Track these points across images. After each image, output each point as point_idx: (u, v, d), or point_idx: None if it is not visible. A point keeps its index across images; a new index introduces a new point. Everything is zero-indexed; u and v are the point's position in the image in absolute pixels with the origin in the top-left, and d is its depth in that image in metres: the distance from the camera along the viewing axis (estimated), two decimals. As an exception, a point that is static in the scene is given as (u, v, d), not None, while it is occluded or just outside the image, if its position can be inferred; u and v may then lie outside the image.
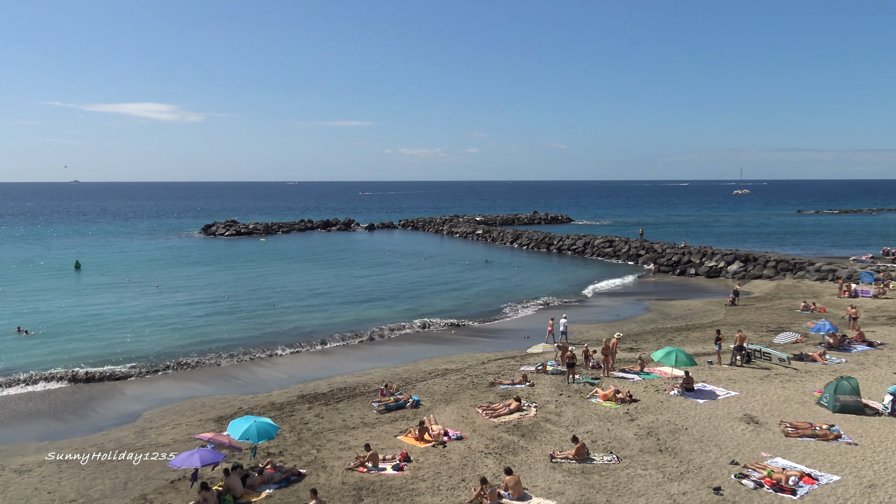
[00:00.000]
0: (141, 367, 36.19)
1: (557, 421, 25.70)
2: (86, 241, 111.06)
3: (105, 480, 22.03)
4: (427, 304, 53.81)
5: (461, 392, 30.19)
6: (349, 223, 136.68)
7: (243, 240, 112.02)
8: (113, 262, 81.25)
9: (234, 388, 33.19)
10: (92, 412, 29.92)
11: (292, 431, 25.92)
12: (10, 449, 25.41)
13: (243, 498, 20.24)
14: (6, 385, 33.06)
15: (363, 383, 32.77)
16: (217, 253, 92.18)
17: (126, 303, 54.26)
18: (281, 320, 47.80)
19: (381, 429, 25.94)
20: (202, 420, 27.84)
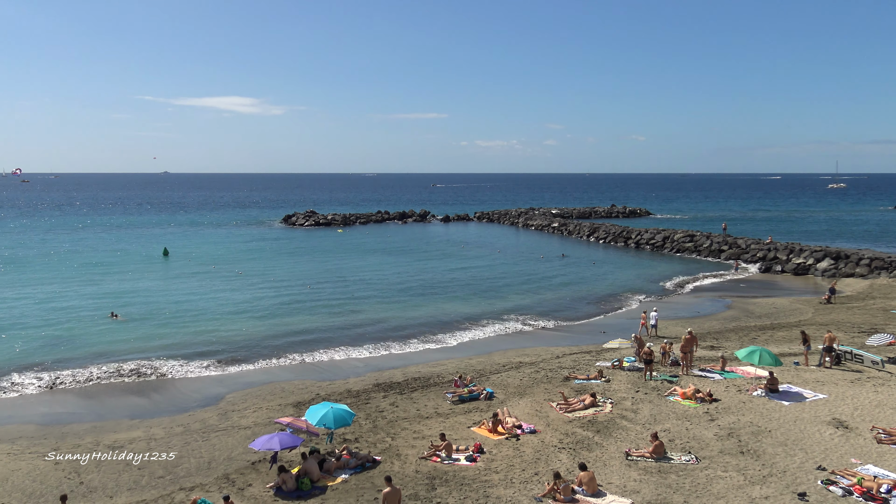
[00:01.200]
0: (224, 352, 37.55)
1: (633, 418, 25.23)
2: (173, 229, 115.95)
3: (191, 459, 22.99)
4: (501, 297, 53.69)
5: (535, 385, 30.02)
6: (425, 215, 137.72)
7: (322, 230, 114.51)
8: (199, 250, 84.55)
9: (313, 374, 34.00)
10: (178, 393, 31.22)
11: (368, 419, 26.37)
12: (103, 426, 26.80)
13: (320, 482, 20.73)
14: (100, 367, 34.85)
15: (437, 374, 33.01)
16: (297, 243, 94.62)
17: (211, 289, 56.36)
18: (359, 309, 48.64)
19: (455, 419, 26.07)
20: (281, 405, 28.65)
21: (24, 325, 43.42)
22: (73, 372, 33.74)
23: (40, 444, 24.70)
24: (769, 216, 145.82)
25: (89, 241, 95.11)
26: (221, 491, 20.12)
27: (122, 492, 20.64)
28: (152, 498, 20.08)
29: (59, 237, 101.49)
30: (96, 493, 20.44)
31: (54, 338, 40.12)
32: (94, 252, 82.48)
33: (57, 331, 41.81)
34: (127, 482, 21.29)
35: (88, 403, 29.79)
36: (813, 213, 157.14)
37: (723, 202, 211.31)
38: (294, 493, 19.94)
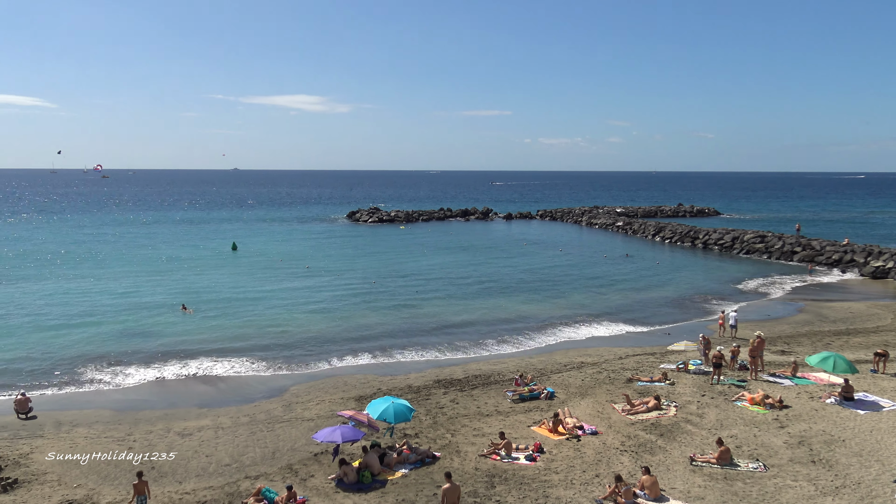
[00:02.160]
0: (289, 345, 38.37)
1: (699, 423, 24.62)
2: (242, 225, 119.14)
3: (256, 449, 23.58)
4: (563, 296, 53.16)
5: (597, 386, 29.64)
6: (487, 212, 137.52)
7: (385, 227, 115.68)
8: (266, 246, 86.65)
9: (374, 369, 34.39)
10: (244, 384, 32.05)
11: (428, 415, 26.52)
12: (174, 413, 27.75)
13: (380, 475, 20.96)
14: (170, 357, 36.08)
15: (497, 371, 32.94)
16: (361, 239, 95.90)
17: (278, 284, 57.65)
18: (420, 306, 48.95)
19: (515, 418, 25.98)
20: (343, 398, 29.09)
21: (101, 316, 45.32)
22: (146, 361, 35.03)
23: (115, 429, 25.75)
24: (846, 217, 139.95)
25: (162, 236, 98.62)
26: (285, 481, 20.57)
27: (190, 477, 21.32)
28: (219, 485, 20.68)
29: (133, 231, 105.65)
30: (167, 479, 21.17)
31: (129, 329, 41.74)
32: (166, 246, 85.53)
33: (131, 322, 43.48)
34: (195, 468, 21.99)
35: (160, 392, 30.89)
36: (894, 214, 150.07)
37: (796, 202, 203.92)
38: (355, 486, 20.22)
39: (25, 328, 41.49)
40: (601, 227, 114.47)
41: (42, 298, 50.47)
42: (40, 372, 33.26)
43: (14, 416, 27.17)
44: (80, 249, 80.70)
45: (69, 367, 33.88)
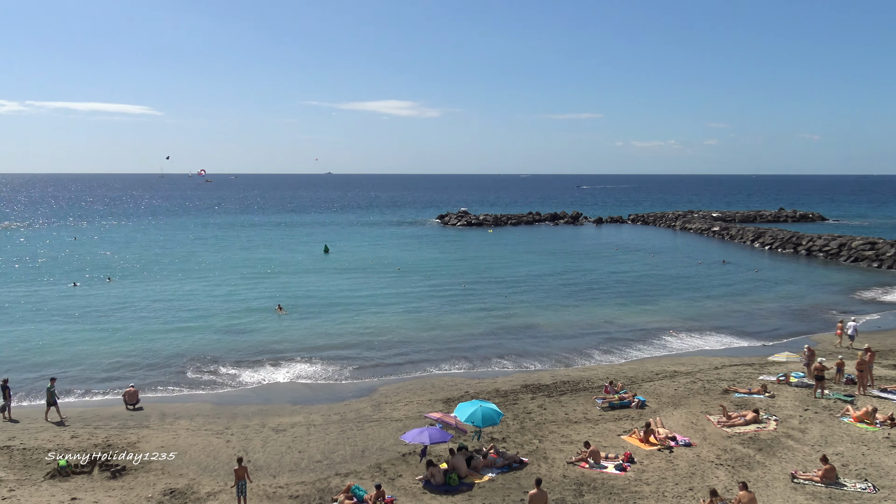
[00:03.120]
0: (379, 345, 39.02)
1: (801, 438, 23.42)
2: (334, 227, 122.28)
3: (346, 447, 24.10)
4: (655, 302, 51.77)
5: (691, 396, 28.70)
6: (577, 216, 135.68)
7: (473, 230, 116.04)
8: (357, 248, 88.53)
9: (462, 371, 34.50)
10: (335, 383, 32.82)
11: (515, 419, 26.38)
12: (269, 409, 28.72)
13: (467, 478, 20.99)
14: (265, 355, 37.38)
15: (587, 378, 32.41)
16: (450, 242, 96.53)
17: (369, 286, 58.79)
18: (509, 309, 48.79)
19: (604, 426, 25.49)
20: (431, 400, 29.32)
21: (203, 315, 47.50)
22: (244, 359, 36.44)
23: (214, 422, 26.89)
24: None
25: (258, 239, 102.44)
26: (374, 479, 20.92)
27: (283, 472, 22.01)
28: (311, 480, 21.24)
29: (232, 234, 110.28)
30: (261, 472, 21.93)
31: (228, 328, 43.52)
32: (263, 249, 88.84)
33: (231, 321, 45.33)
34: (288, 463, 22.69)
35: (255, 388, 32.03)
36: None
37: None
38: (442, 488, 20.33)
39: (135, 326, 43.95)
40: (696, 232, 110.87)
41: (149, 298, 53.36)
42: (147, 366, 35.15)
43: (124, 406, 28.81)
44: (182, 251, 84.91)
45: (173, 363, 35.65)
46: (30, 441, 24.69)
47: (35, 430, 26.00)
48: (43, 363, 35.35)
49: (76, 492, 20.41)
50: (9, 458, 23.05)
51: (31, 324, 44.06)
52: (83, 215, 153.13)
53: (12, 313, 47.15)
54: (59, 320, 45.12)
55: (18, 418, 27.43)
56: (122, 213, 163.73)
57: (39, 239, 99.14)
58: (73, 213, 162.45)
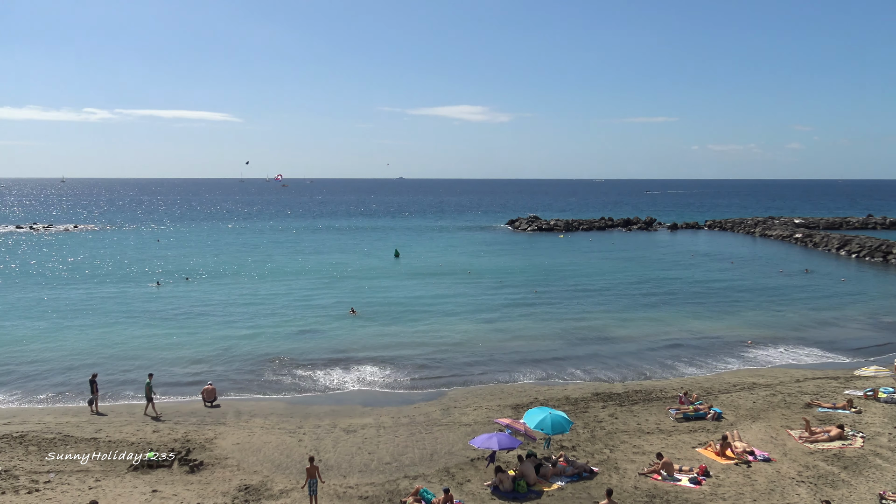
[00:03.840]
0: (448, 349, 39.12)
1: (890, 457, 22.22)
2: (405, 231, 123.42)
3: (415, 449, 24.23)
4: (733, 312, 50.09)
5: (770, 410, 27.64)
6: (651, 222, 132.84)
7: (544, 235, 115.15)
8: (428, 252, 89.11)
9: (532, 377, 34.20)
10: (405, 386, 33.06)
11: (586, 428, 25.98)
12: (340, 410, 29.17)
13: (536, 486, 20.79)
14: (337, 357, 38.01)
15: (660, 388, 31.65)
16: (521, 247, 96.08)
17: (439, 290, 59.10)
18: (580, 316, 48.15)
19: (678, 437, 24.82)
20: (500, 405, 29.19)
21: (279, 316, 48.77)
22: (316, 360, 37.15)
23: (287, 421, 27.49)
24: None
25: (332, 242, 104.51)
26: (442, 483, 20.95)
27: (353, 473, 22.30)
28: (380, 482, 21.45)
29: (307, 238, 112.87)
30: (332, 472, 22.27)
31: (303, 329, 44.46)
32: (335, 252, 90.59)
33: (305, 323, 46.33)
34: (358, 464, 22.98)
35: (327, 389, 32.57)
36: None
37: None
38: (510, 494, 20.19)
39: (213, 326, 45.45)
40: (777, 239, 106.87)
41: (226, 299, 55.13)
42: (224, 365, 36.26)
43: (202, 404, 29.80)
44: (258, 254, 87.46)
45: (249, 363, 36.67)
46: (115, 434, 25.82)
47: (120, 423, 27.18)
48: (127, 361, 36.96)
49: (157, 484, 21.21)
50: (95, 449, 24.15)
51: (117, 323, 46.15)
52: (166, 218, 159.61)
53: (101, 312, 49.50)
54: (142, 319, 47.10)
55: (105, 412, 28.75)
56: (203, 216, 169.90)
57: (126, 241, 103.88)
58: (157, 216, 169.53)
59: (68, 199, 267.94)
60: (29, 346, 39.62)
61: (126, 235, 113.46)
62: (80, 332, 43.29)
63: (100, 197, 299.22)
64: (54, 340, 41.03)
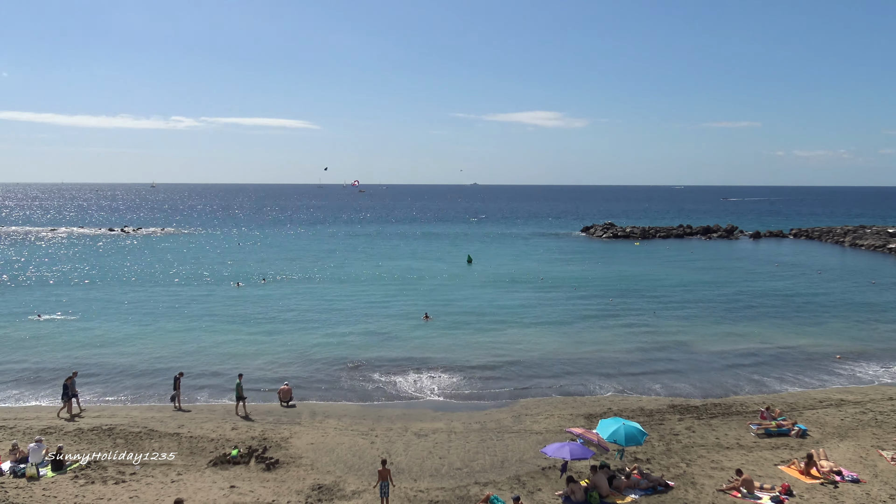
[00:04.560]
0: (520, 357, 38.86)
1: None
2: (478, 238, 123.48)
3: (485, 456, 24.15)
4: (819, 324, 47.88)
5: (860, 428, 26.27)
6: (732, 230, 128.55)
7: (619, 242, 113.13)
8: (500, 259, 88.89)
9: (605, 387, 33.59)
10: (475, 392, 32.99)
11: (661, 440, 25.33)
12: (412, 414, 29.38)
13: (608, 498, 20.39)
14: (410, 361, 38.30)
15: (740, 402, 30.55)
16: (595, 254, 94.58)
17: (512, 297, 58.86)
18: (656, 326, 47.00)
19: (759, 454, 23.89)
20: (573, 415, 28.79)
21: (353, 320, 49.60)
22: (389, 364, 37.55)
23: (360, 423, 27.87)
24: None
25: (405, 247, 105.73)
26: (512, 491, 20.80)
27: (424, 477, 22.40)
28: (450, 487, 21.47)
29: (380, 243, 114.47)
30: (403, 475, 22.43)
31: (376, 333, 45.02)
32: (409, 257, 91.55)
33: (378, 327, 46.91)
34: (429, 468, 23.06)
35: (399, 392, 32.83)
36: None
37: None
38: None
39: (289, 328, 46.59)
40: (868, 249, 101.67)
41: (302, 302, 56.44)
42: (299, 366, 37.10)
43: (278, 403, 30.56)
44: (334, 258, 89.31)
45: (323, 365, 37.40)
46: (196, 430, 26.76)
47: (201, 420, 28.17)
48: (208, 360, 38.31)
49: (235, 480, 21.85)
50: (177, 444, 25.10)
51: (199, 323, 47.92)
52: (247, 222, 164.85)
53: (184, 313, 51.49)
54: (222, 321, 48.76)
55: (187, 409, 29.85)
56: (282, 221, 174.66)
57: (209, 243, 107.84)
58: (239, 220, 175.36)
59: (157, 203, 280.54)
60: (118, 345, 41.58)
61: (210, 238, 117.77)
62: (164, 331, 45.16)
63: (186, 201, 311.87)
64: (140, 339, 42.92)
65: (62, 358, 38.15)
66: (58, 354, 38.91)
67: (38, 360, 37.80)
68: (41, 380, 34.31)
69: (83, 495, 20.46)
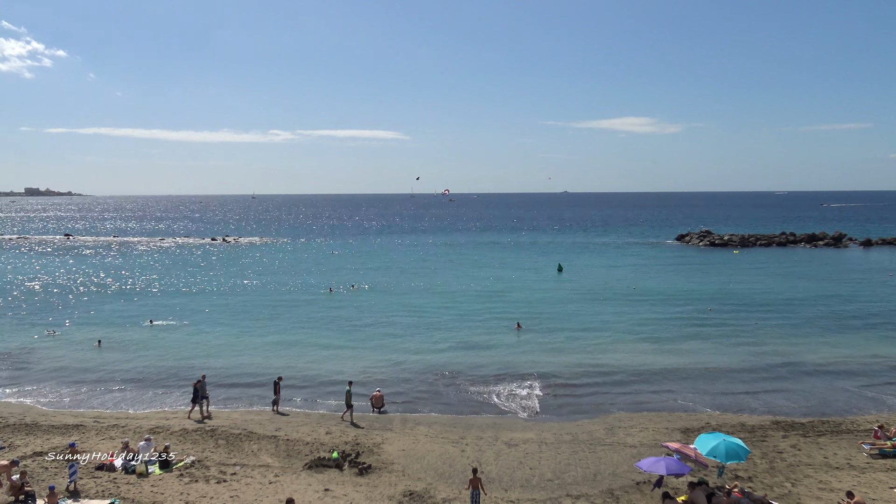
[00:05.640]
0: (613, 367, 38.04)
1: None
2: (568, 246, 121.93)
3: (577, 468, 23.74)
4: (941, 338, 44.56)
5: None
6: (840, 237, 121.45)
7: (717, 251, 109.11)
8: (591, 267, 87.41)
9: (703, 401, 32.37)
10: (567, 402, 32.49)
11: (764, 458, 24.19)
12: (502, 423, 29.25)
13: (707, 516, 19.60)
14: (501, 370, 38.16)
15: (851, 420, 28.84)
16: (691, 263, 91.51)
17: (604, 306, 57.78)
18: (760, 339, 44.90)
19: (872, 476, 22.45)
20: (668, 428, 27.92)
21: (443, 328, 49.93)
22: (479, 372, 37.54)
23: (450, 431, 27.97)
24: None
25: (495, 256, 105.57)
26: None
27: (515, 487, 22.23)
28: (541, 498, 21.21)
29: (473, 251, 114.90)
30: (493, 485, 22.33)
31: (467, 342, 45.07)
32: (499, 266, 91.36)
33: (469, 335, 46.95)
34: (520, 479, 22.88)
35: (488, 401, 32.69)
36: None
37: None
38: (679, 523, 19.17)
39: (380, 336, 47.34)
40: None
41: (393, 310, 57.28)
42: (391, 374, 37.60)
43: (370, 409, 31.07)
44: (424, 267, 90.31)
45: (414, 373, 37.77)
46: (292, 433, 27.57)
47: (297, 423, 29.00)
48: (303, 366, 39.43)
49: (329, 484, 22.36)
50: (275, 446, 25.93)
51: (295, 328, 49.47)
52: (341, 231, 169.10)
53: (280, 318, 53.26)
54: (316, 325, 50.14)
55: (285, 413, 30.81)
56: (374, 230, 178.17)
57: (305, 252, 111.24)
58: (332, 229, 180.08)
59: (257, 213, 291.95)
60: (219, 350, 43.46)
61: (306, 247, 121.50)
62: (261, 336, 46.86)
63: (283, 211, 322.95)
64: (239, 344, 44.70)
65: (170, 362, 40.21)
66: (166, 359, 41.02)
67: (148, 363, 39.97)
68: (150, 382, 36.25)
69: (187, 493, 21.43)
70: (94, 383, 36.13)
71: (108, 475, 23.00)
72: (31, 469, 22.99)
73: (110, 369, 38.68)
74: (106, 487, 21.84)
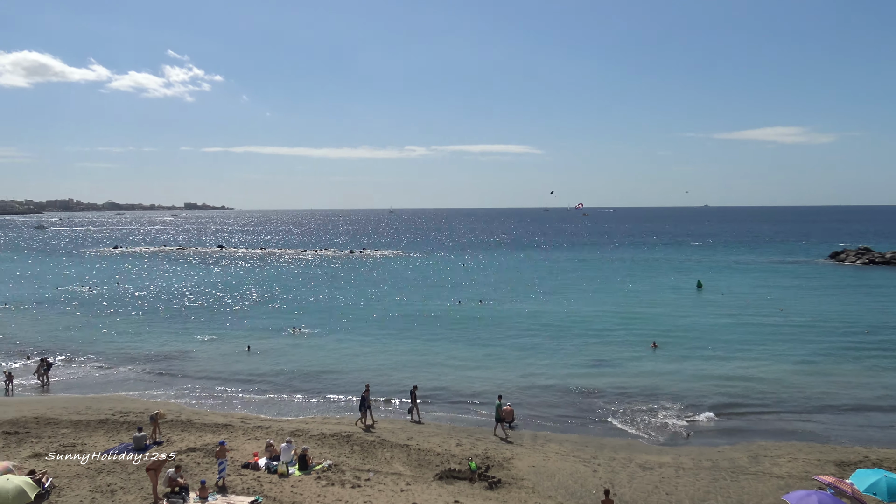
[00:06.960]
0: (759, 393, 35.83)
1: None
2: (708, 263, 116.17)
3: (718, 497, 22.51)
4: None
5: None
6: None
7: (878, 269, 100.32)
8: (734, 285, 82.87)
9: (858, 433, 29.75)
10: (706, 427, 30.91)
11: (933, 499, 21.81)
12: (636, 445, 28.29)
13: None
14: (636, 391, 36.96)
15: None
16: (847, 284, 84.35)
17: (747, 326, 54.69)
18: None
19: None
20: (820, 460, 25.90)
21: (577, 346, 49.09)
22: (614, 390, 36.57)
23: (582, 450, 27.38)
24: None
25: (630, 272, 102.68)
26: (749, 538, 19.10)
27: (650, 512, 21.37)
28: (678, 526, 20.24)
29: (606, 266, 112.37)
30: (627, 508, 21.60)
31: (600, 360, 43.94)
32: (635, 283, 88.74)
33: (603, 353, 45.79)
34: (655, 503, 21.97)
35: (623, 422, 31.67)
36: None
37: None
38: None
39: (508, 349, 47.30)
40: None
41: (526, 325, 57.11)
42: (520, 389, 37.35)
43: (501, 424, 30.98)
44: (556, 281, 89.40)
45: (546, 389, 37.35)
46: (423, 443, 28.01)
47: (428, 433, 29.44)
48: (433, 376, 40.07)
49: (459, 496, 22.47)
50: (407, 455, 26.44)
51: (426, 339, 50.50)
52: (473, 245, 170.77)
53: (412, 329, 54.50)
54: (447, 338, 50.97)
55: (424, 422, 31.45)
56: (508, 244, 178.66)
57: (435, 265, 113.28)
58: (465, 243, 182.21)
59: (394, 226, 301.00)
60: (356, 358, 45.15)
61: (436, 260, 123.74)
62: (395, 345, 48.27)
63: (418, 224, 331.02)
64: (374, 353, 46.19)
65: (311, 369, 42.17)
66: (308, 366, 43.05)
67: (292, 368, 42.13)
68: (293, 388, 38.17)
69: (324, 495, 22.26)
70: (242, 383, 38.71)
71: (252, 473, 24.36)
72: (185, 464, 24.74)
73: (258, 373, 41.12)
74: (250, 485, 23.13)
